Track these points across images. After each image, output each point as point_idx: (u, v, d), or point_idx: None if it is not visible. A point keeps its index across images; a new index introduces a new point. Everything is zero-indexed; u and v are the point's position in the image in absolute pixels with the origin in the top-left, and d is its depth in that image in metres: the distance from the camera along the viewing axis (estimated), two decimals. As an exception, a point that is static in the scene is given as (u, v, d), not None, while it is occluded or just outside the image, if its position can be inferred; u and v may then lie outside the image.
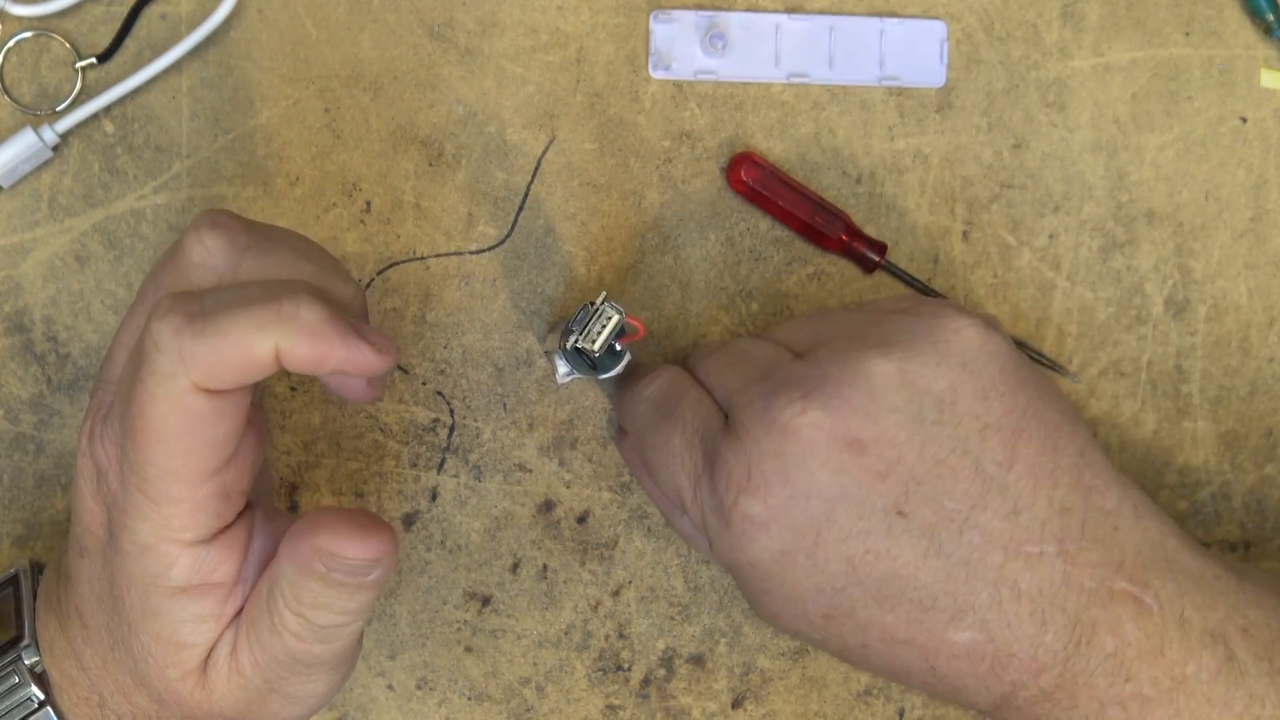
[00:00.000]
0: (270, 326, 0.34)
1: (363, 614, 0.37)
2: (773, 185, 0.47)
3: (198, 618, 0.37)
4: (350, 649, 0.39)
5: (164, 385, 0.34)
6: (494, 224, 0.48)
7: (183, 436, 0.34)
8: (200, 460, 0.35)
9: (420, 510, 0.48)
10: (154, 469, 0.35)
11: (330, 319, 0.34)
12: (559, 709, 0.48)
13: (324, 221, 0.47)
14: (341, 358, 0.35)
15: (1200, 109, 0.49)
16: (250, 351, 0.34)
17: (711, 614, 0.49)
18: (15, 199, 0.47)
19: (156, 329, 0.34)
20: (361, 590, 0.36)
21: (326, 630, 0.37)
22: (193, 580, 0.36)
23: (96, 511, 0.38)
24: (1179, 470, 0.49)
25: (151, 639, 0.37)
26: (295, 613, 0.36)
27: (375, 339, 0.35)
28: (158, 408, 0.34)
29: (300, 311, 0.34)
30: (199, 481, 0.35)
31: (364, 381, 0.38)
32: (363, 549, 0.35)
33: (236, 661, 0.37)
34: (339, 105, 0.47)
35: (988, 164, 0.49)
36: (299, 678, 0.38)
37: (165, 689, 0.38)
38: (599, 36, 0.48)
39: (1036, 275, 0.49)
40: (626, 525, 0.48)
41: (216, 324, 0.34)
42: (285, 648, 0.37)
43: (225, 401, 0.35)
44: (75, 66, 0.47)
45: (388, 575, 0.37)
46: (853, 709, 0.49)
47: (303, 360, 0.34)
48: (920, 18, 0.48)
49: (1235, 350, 0.49)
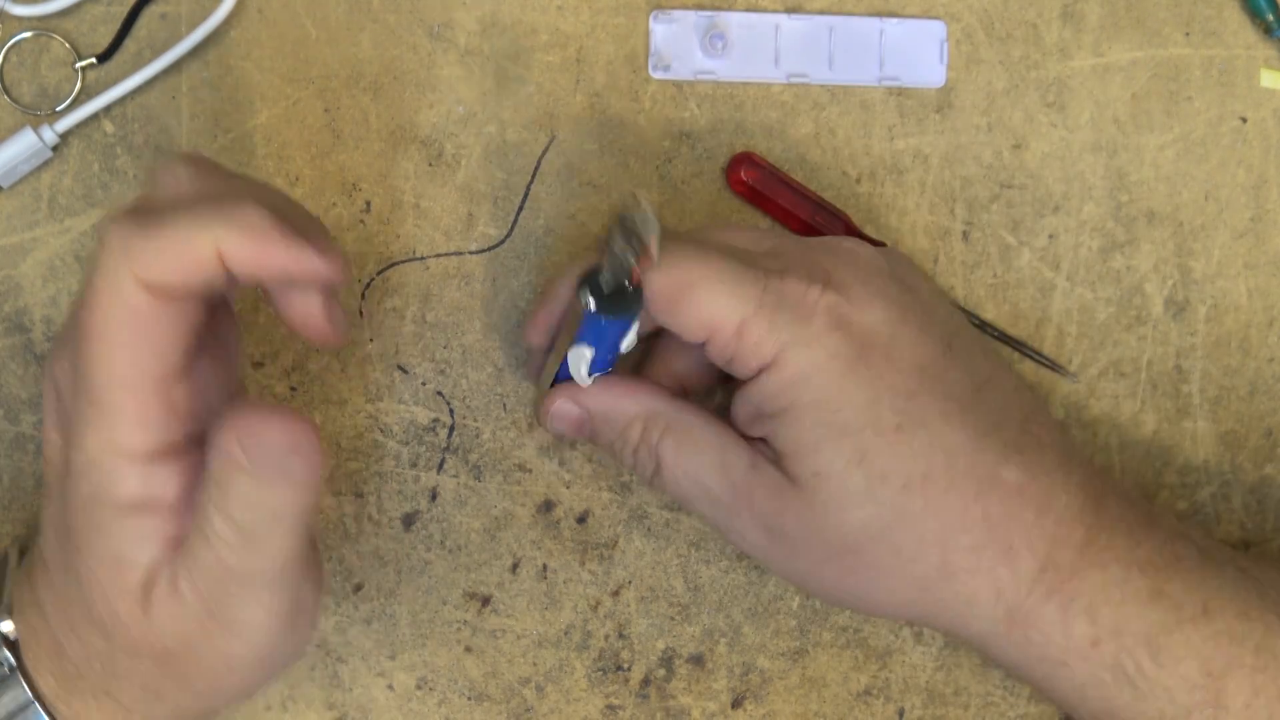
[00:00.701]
0: (213, 224, 0.35)
1: (290, 519, 0.36)
2: (773, 185, 0.47)
3: (141, 535, 0.37)
4: (287, 569, 0.37)
5: (108, 281, 0.35)
6: (494, 224, 0.48)
7: (126, 335, 0.35)
8: (144, 364, 0.35)
9: (420, 510, 0.48)
10: (100, 374, 0.35)
11: (274, 221, 0.35)
12: (559, 709, 0.49)
13: (324, 221, 0.47)
14: (283, 259, 0.35)
15: (1200, 109, 0.49)
16: (192, 248, 0.35)
17: (711, 614, 0.49)
18: (15, 199, 0.47)
19: (104, 230, 0.35)
20: (285, 486, 0.35)
21: (254, 534, 0.36)
22: (138, 497, 0.36)
23: (55, 440, 0.38)
24: (1179, 470, 0.49)
25: (96, 560, 0.37)
26: (222, 513, 0.36)
27: (322, 244, 0.36)
28: (102, 305, 0.35)
29: (244, 212, 0.35)
30: (144, 390, 0.36)
31: (321, 309, 0.38)
32: (280, 430, 0.35)
33: (175, 584, 0.37)
34: (339, 105, 0.47)
35: (988, 164, 0.49)
36: (234, 599, 0.37)
37: (109, 615, 0.37)
38: (599, 36, 0.48)
39: (1036, 275, 0.49)
40: (626, 525, 0.48)
41: (161, 221, 0.35)
42: (215, 557, 0.36)
43: (170, 304, 0.35)
44: (75, 66, 0.47)
45: (313, 481, 0.36)
46: (853, 709, 0.49)
47: (244, 260, 0.35)
48: (920, 18, 0.48)
49: (1235, 350, 0.49)
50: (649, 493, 0.48)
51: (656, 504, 0.48)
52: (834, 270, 0.41)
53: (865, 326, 0.40)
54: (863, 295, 0.41)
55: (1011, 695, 0.49)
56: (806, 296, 0.40)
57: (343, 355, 0.48)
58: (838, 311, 0.40)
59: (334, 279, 0.36)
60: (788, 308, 0.40)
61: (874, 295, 0.41)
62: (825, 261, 0.41)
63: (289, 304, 0.39)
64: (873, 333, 0.40)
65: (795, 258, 0.42)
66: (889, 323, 0.40)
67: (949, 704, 0.49)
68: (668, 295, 0.40)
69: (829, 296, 0.40)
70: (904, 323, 0.41)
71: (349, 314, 0.47)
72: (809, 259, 0.42)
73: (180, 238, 0.35)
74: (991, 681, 0.49)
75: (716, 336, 0.40)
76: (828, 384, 0.40)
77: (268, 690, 0.48)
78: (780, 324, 0.40)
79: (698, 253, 0.41)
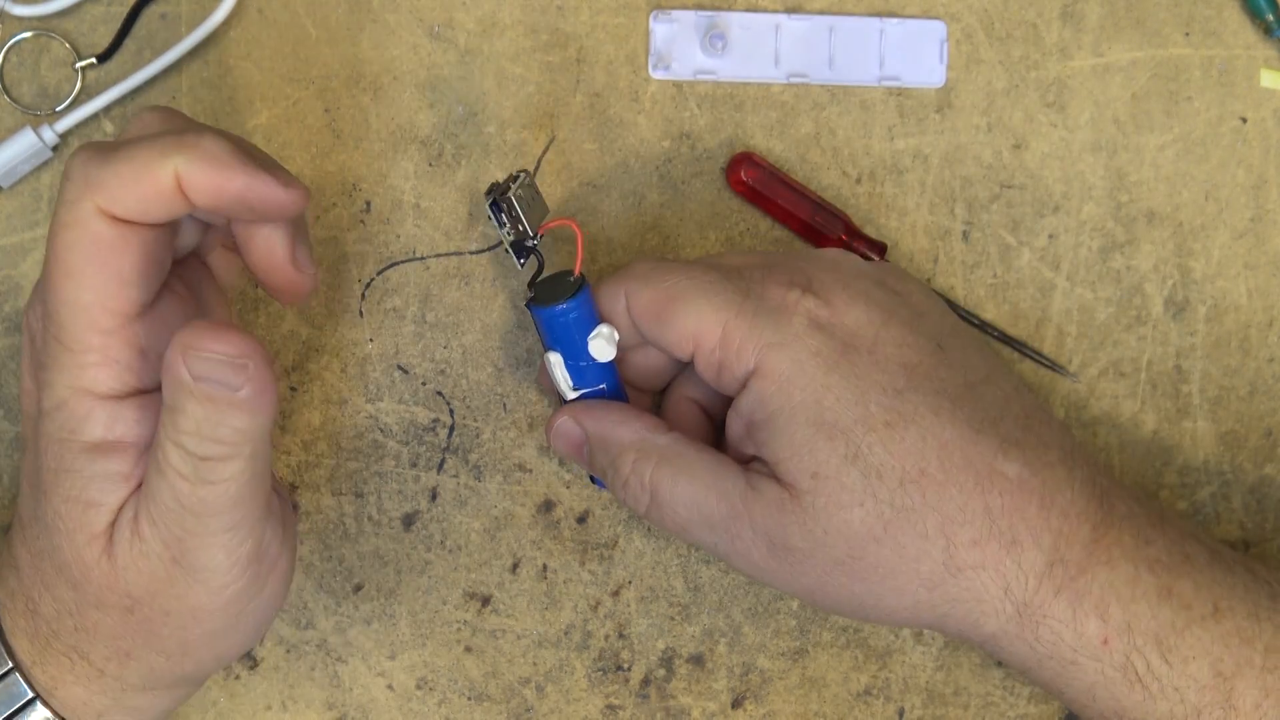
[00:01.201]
0: (172, 152, 0.35)
1: (242, 446, 0.36)
2: (772, 185, 0.47)
3: (106, 476, 0.37)
4: (244, 507, 0.37)
5: (71, 211, 0.36)
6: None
7: (90, 265, 0.36)
8: (108, 297, 0.36)
9: (420, 510, 0.48)
10: (66, 307, 0.36)
11: (233, 150, 0.36)
12: (559, 709, 0.49)
13: (324, 221, 0.47)
14: (240, 185, 0.36)
15: (1200, 109, 0.49)
16: (151, 175, 0.35)
17: (711, 614, 0.49)
18: (15, 199, 0.47)
19: (68, 163, 0.36)
20: (234, 410, 0.35)
21: (207, 464, 0.36)
22: (104, 437, 0.37)
23: (30, 388, 0.39)
24: (1179, 470, 0.49)
25: (63, 501, 0.37)
26: (173, 441, 0.35)
27: (282, 175, 0.36)
28: (66, 235, 0.36)
29: (203, 140, 0.36)
30: (109, 325, 0.36)
31: (284, 248, 0.39)
32: (224, 344, 0.34)
33: (138, 526, 0.37)
34: (339, 105, 0.47)
35: (988, 164, 0.49)
36: (194, 540, 0.37)
37: (76, 562, 0.37)
38: (599, 36, 0.48)
39: (1036, 275, 0.49)
40: (626, 525, 0.48)
41: (120, 151, 0.36)
42: (170, 491, 0.36)
43: (133, 233, 0.36)
44: (75, 66, 0.47)
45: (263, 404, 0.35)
46: (853, 709, 0.49)
47: (203, 186, 0.36)
48: (920, 18, 0.48)
49: (1235, 350, 0.49)
50: (649, 493, 0.48)
51: (656, 504, 0.48)
52: (815, 275, 0.42)
53: (847, 327, 0.41)
54: (844, 298, 0.41)
55: (1011, 695, 0.49)
56: (786, 299, 0.41)
57: (343, 355, 0.48)
58: (817, 313, 0.41)
59: (293, 207, 0.37)
60: (767, 312, 0.40)
61: (856, 297, 0.41)
62: (807, 268, 0.42)
63: (253, 247, 0.39)
64: (855, 333, 0.40)
65: (778, 267, 0.42)
66: (872, 323, 0.41)
67: (949, 704, 0.49)
68: (653, 310, 0.41)
69: (808, 300, 0.41)
70: (888, 324, 0.41)
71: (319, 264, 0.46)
72: (791, 266, 0.42)
73: (140, 165, 0.35)
74: (991, 681, 0.49)
75: (701, 346, 0.41)
76: (812, 383, 0.40)
77: (268, 690, 0.48)
78: (760, 327, 0.40)
79: (680, 267, 0.42)
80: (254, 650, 0.48)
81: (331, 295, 0.47)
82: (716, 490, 0.42)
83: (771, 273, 0.42)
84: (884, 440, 0.40)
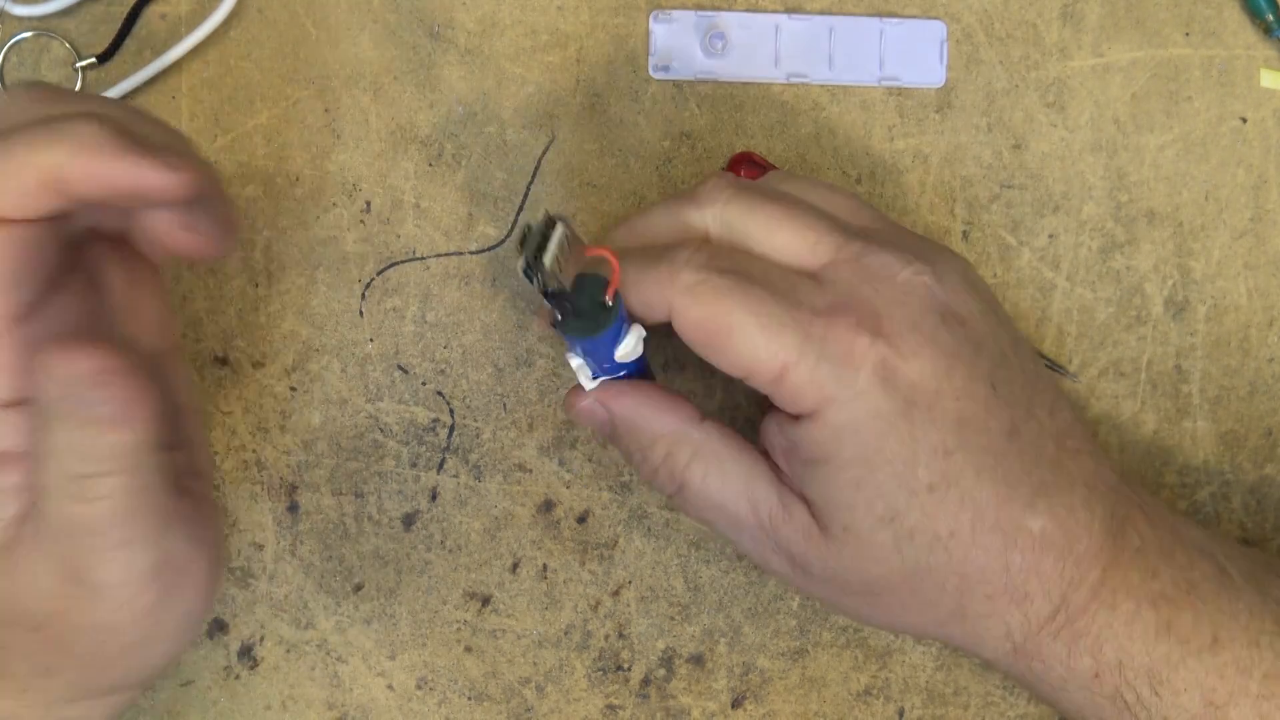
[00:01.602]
0: (47, 146, 0.33)
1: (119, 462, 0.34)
2: (773, 185, 0.47)
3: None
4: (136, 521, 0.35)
5: None
6: (494, 224, 0.48)
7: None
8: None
9: (420, 510, 0.48)
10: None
11: (110, 136, 0.34)
12: (559, 709, 0.49)
13: (324, 221, 0.47)
14: (121, 174, 0.34)
15: (1200, 109, 0.49)
16: (27, 172, 0.33)
17: (711, 614, 0.49)
18: (15, 199, 0.47)
19: None
20: (100, 427, 0.33)
21: (83, 481, 0.34)
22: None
23: None
24: (1179, 470, 0.49)
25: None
26: (50, 460, 0.34)
27: (170, 157, 0.34)
28: None
29: (78, 130, 0.34)
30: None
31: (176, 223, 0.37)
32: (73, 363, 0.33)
33: (35, 543, 0.35)
34: (339, 105, 0.47)
35: (988, 164, 0.49)
36: (86, 557, 0.35)
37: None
38: (599, 36, 0.48)
39: (1036, 275, 0.49)
40: (626, 525, 0.48)
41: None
42: (56, 510, 0.34)
43: (7, 232, 0.34)
44: (75, 66, 0.47)
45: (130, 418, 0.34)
46: (853, 709, 0.49)
47: (82, 179, 0.34)
48: (920, 18, 0.48)
49: (1235, 350, 0.49)
50: (649, 493, 0.48)
51: (656, 504, 0.48)
52: (885, 313, 0.39)
53: (912, 380, 0.38)
54: (913, 344, 0.39)
55: (1011, 695, 0.49)
56: (854, 348, 0.38)
57: (343, 355, 0.48)
58: (886, 366, 0.38)
59: (182, 192, 0.34)
60: (832, 359, 0.38)
61: (924, 344, 0.39)
62: (879, 298, 0.39)
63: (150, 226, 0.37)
64: (918, 387, 0.38)
65: (848, 288, 0.39)
66: (936, 375, 0.39)
67: (949, 704, 0.49)
68: (702, 334, 0.39)
69: (878, 349, 0.38)
70: (951, 373, 0.39)
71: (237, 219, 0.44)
72: (860, 295, 0.39)
73: (14, 163, 0.33)
74: (991, 681, 0.49)
75: (754, 377, 0.39)
76: (868, 443, 0.39)
77: (268, 690, 0.48)
78: (823, 377, 0.38)
79: (736, 288, 0.38)
80: (254, 650, 0.48)
81: (331, 295, 0.47)
82: (749, 499, 0.41)
83: (840, 299, 0.39)
84: (924, 504, 0.39)
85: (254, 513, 0.48)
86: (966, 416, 0.39)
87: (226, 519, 0.47)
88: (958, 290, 0.40)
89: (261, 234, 0.47)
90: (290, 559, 0.48)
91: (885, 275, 0.39)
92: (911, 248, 0.41)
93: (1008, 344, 0.41)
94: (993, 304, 0.42)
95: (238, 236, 0.45)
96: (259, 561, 0.48)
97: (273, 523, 0.48)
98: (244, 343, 0.47)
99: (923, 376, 0.38)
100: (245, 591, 0.48)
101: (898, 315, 0.39)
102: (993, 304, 0.42)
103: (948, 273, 0.40)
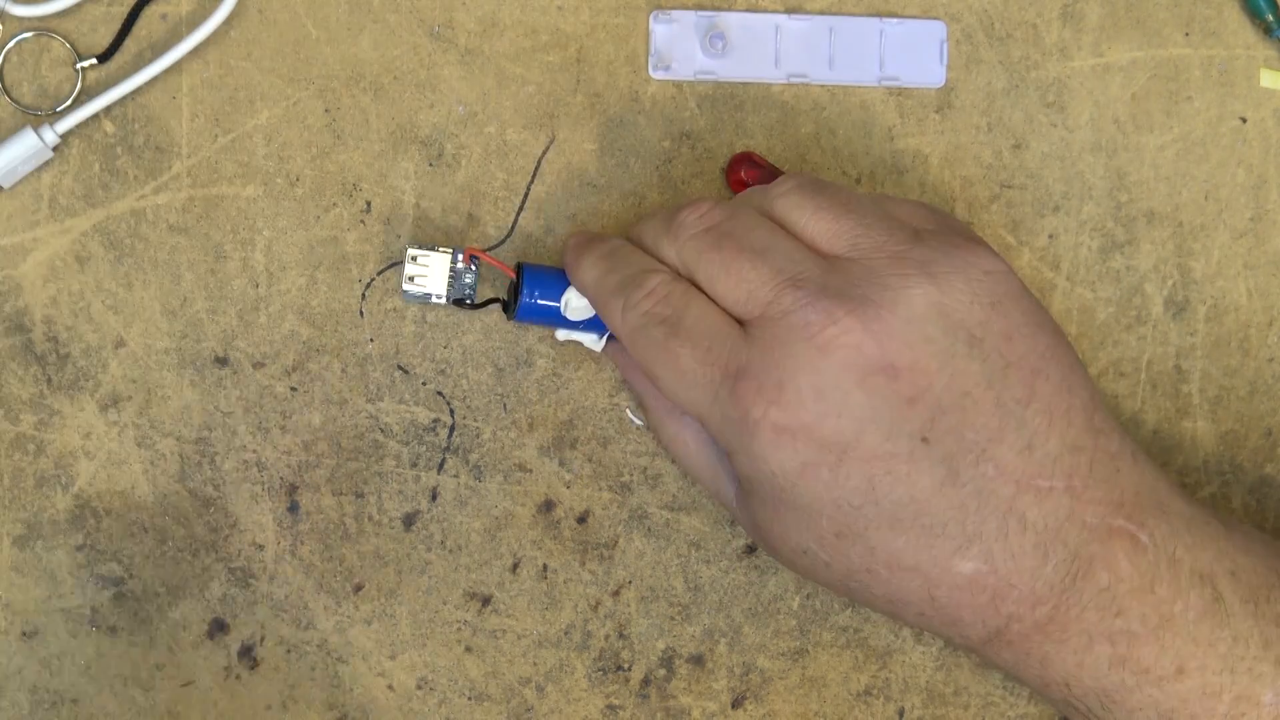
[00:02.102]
0: None
1: None
2: (773, 185, 0.47)
3: None
4: None
5: None
6: (494, 224, 0.48)
7: None
8: None
9: (420, 510, 0.48)
10: None
11: None
12: (559, 709, 0.49)
13: (324, 221, 0.47)
14: None
15: (1200, 109, 0.49)
16: None
17: (711, 614, 0.49)
18: (15, 199, 0.47)
19: None
20: None
21: None
22: None
23: None
24: (1179, 470, 0.49)
25: None
26: None
27: None
28: None
29: None
30: None
31: None
32: None
33: None
34: (339, 105, 0.47)
35: (987, 164, 0.49)
36: None
37: None
38: (599, 36, 0.48)
39: (1036, 275, 0.49)
40: (626, 525, 0.48)
41: None
42: None
43: None
44: (75, 67, 0.47)
45: None
46: (853, 709, 0.49)
47: None
48: (920, 18, 0.48)
49: (1235, 350, 0.49)
50: (649, 493, 0.48)
51: (656, 504, 0.48)
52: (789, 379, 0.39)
53: (816, 440, 0.39)
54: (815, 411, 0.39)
55: (1011, 695, 0.49)
56: (750, 413, 0.39)
57: (343, 355, 0.48)
58: (783, 431, 0.39)
59: None
60: (731, 421, 0.40)
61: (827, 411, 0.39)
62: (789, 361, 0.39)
63: None
64: (825, 445, 0.39)
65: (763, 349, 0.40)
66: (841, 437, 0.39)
67: (949, 704, 0.49)
68: (641, 371, 0.44)
69: (772, 415, 0.39)
70: (860, 435, 0.39)
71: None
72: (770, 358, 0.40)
73: None
74: (991, 681, 0.49)
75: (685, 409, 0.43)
76: (770, 494, 0.41)
77: (268, 690, 0.48)
78: (728, 434, 0.41)
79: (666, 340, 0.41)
80: (254, 650, 0.48)
81: (331, 295, 0.48)
82: (713, 483, 0.46)
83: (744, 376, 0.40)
84: (833, 548, 0.41)
85: (254, 513, 0.48)
86: (878, 475, 0.39)
87: (227, 519, 0.48)
88: (904, 339, 0.39)
89: (261, 234, 0.47)
90: (290, 559, 0.48)
91: (804, 336, 0.39)
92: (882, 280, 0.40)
93: (977, 382, 0.39)
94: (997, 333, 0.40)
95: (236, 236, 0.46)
96: (259, 562, 0.48)
97: (273, 523, 0.48)
98: (244, 343, 0.47)
99: (825, 438, 0.39)
100: (245, 591, 0.48)
101: (803, 381, 0.39)
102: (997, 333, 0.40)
103: (905, 320, 0.39)
